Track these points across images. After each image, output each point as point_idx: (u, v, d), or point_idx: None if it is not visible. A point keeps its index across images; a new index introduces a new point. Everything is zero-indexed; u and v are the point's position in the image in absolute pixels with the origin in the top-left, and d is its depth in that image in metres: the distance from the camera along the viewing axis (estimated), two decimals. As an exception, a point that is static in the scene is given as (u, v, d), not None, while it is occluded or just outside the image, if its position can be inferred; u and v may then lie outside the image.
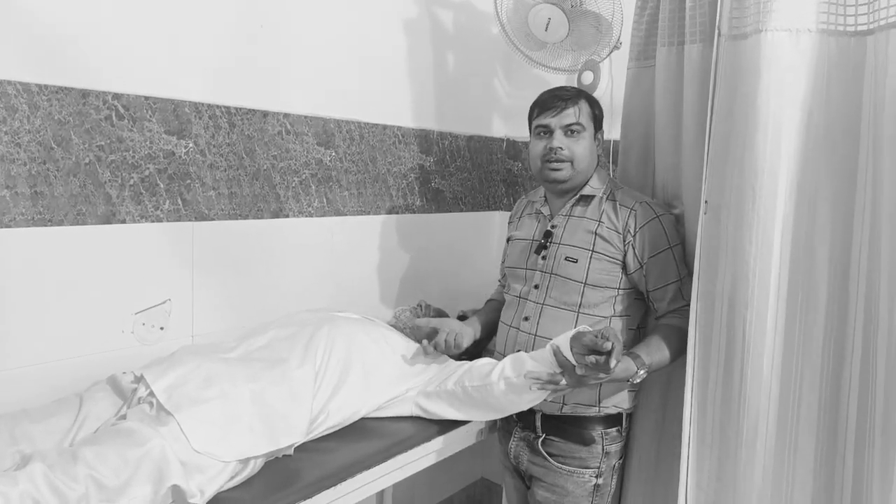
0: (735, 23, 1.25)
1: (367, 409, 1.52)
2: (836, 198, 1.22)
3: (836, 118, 1.21)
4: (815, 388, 1.24)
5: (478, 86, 2.42)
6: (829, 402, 1.24)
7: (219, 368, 1.35)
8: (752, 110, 1.22)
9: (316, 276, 1.92)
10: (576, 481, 1.47)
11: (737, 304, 1.25)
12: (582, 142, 1.48)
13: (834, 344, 1.23)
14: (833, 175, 1.21)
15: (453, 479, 2.48)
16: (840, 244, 1.22)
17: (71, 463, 1.07)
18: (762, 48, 1.20)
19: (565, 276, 1.47)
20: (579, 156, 1.47)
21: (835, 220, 1.22)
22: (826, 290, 1.23)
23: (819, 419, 1.24)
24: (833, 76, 1.21)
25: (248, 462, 1.26)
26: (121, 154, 1.47)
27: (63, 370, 1.42)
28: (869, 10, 1.17)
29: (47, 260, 1.39)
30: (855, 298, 1.21)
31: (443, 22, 2.24)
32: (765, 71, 1.20)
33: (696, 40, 1.41)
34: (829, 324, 1.23)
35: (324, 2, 1.85)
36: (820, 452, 1.24)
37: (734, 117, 1.25)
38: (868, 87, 1.18)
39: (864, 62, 1.18)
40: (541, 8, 1.91)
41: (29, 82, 1.33)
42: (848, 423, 1.21)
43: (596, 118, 1.53)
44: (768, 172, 1.21)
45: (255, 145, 1.73)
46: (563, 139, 1.47)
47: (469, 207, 2.45)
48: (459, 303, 2.19)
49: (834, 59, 1.20)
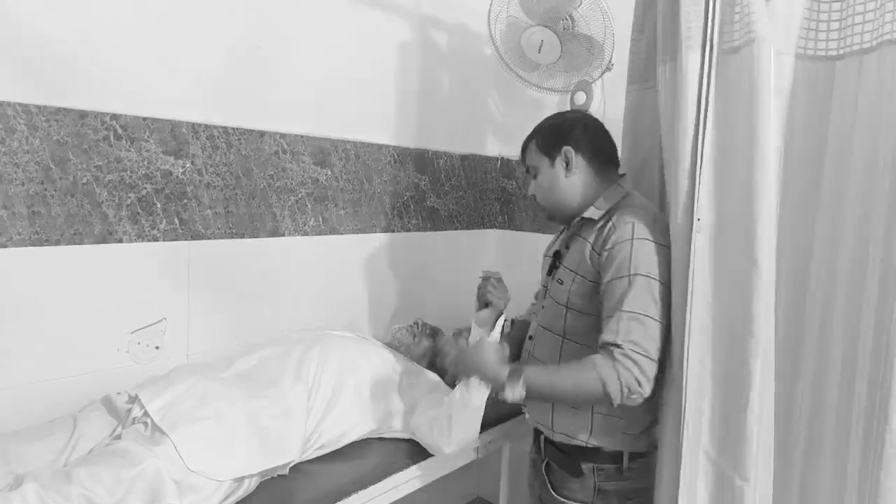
0: (726, 37, 1.26)
1: (360, 428, 1.52)
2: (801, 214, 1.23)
3: (805, 140, 1.23)
4: (827, 416, 1.20)
5: (472, 105, 2.45)
6: (842, 427, 1.19)
7: (213, 388, 1.35)
8: (750, 127, 1.23)
9: (312, 295, 1.93)
10: None
11: (735, 324, 1.25)
12: (539, 179, 1.43)
13: (845, 364, 1.19)
14: (799, 193, 1.24)
15: (449, 498, 2.47)
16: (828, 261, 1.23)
17: (65, 483, 1.07)
18: (751, 64, 1.22)
19: (554, 299, 1.40)
20: (541, 195, 1.45)
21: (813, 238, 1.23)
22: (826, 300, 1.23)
23: (834, 441, 1.20)
24: (803, 99, 1.23)
25: (242, 481, 1.25)
26: (118, 174, 1.49)
27: (58, 389, 1.41)
28: (840, 35, 1.20)
29: (44, 279, 1.39)
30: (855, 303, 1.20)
31: (437, 43, 2.28)
32: (759, 83, 1.21)
33: (667, 59, 1.39)
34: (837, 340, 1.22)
35: (320, 24, 1.88)
36: (835, 473, 1.22)
37: (724, 134, 1.26)
38: (836, 110, 1.20)
39: (833, 86, 1.21)
40: (534, 31, 1.95)
41: (28, 103, 1.34)
42: (857, 427, 1.18)
43: (545, 147, 1.42)
44: (762, 191, 1.22)
45: (251, 165, 1.74)
46: (531, 183, 1.47)
47: (464, 226, 2.46)
48: (456, 321, 2.19)
49: (801, 81, 1.23)
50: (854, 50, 1.18)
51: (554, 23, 1.92)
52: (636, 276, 1.23)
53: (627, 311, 1.22)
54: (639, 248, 1.25)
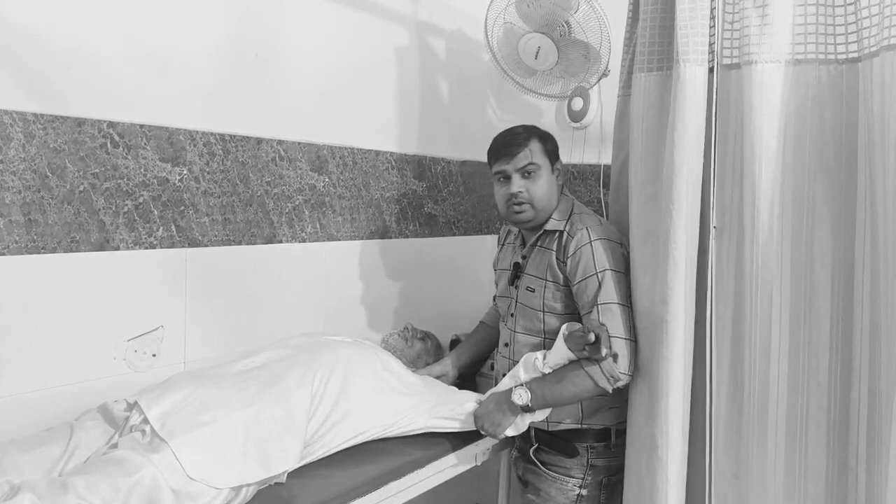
0: (727, 52, 1.30)
1: (362, 435, 1.51)
2: (835, 216, 1.26)
3: (830, 141, 1.25)
4: (824, 406, 1.26)
5: (469, 111, 2.45)
6: (840, 417, 1.25)
7: (213, 394, 1.34)
8: (748, 138, 1.26)
9: (309, 302, 1.92)
10: (559, 488, 1.54)
11: (741, 324, 1.28)
12: (539, 180, 1.52)
13: (841, 360, 1.24)
14: (831, 196, 1.25)
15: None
16: (842, 262, 1.25)
17: (61, 492, 1.06)
18: (753, 79, 1.25)
19: (527, 305, 1.56)
20: (538, 196, 1.52)
21: (836, 238, 1.25)
22: (830, 307, 1.25)
23: (829, 435, 1.25)
24: (827, 102, 1.25)
25: (240, 490, 1.24)
26: (115, 181, 1.48)
27: (55, 397, 1.41)
28: (858, 37, 1.24)
29: (40, 287, 1.38)
30: (860, 313, 1.22)
31: (434, 49, 2.28)
32: (756, 102, 1.24)
33: (653, 69, 1.43)
34: (834, 341, 1.25)
35: (317, 30, 1.89)
36: (831, 469, 1.25)
37: (730, 144, 1.30)
38: (863, 110, 1.21)
39: (858, 87, 1.22)
40: (531, 37, 1.95)
41: (24, 111, 1.34)
42: (859, 438, 1.22)
43: (549, 152, 1.56)
44: (767, 197, 1.25)
45: (248, 172, 1.74)
46: (520, 182, 1.52)
47: (462, 231, 2.46)
48: (453, 326, 2.19)
49: (826, 85, 1.25)
50: (872, 51, 1.20)
51: (551, 29, 1.92)
52: (603, 272, 1.43)
53: (601, 303, 1.42)
54: (597, 248, 1.45)
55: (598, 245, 1.45)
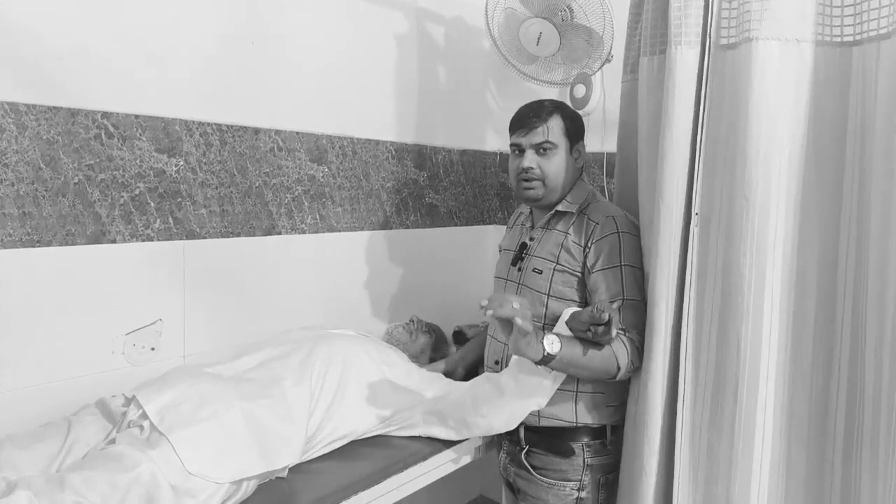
0: (724, 32, 1.26)
1: (364, 427, 1.50)
2: (822, 206, 1.22)
3: (824, 128, 1.21)
4: (806, 400, 1.24)
5: (470, 100, 2.42)
6: (818, 411, 1.23)
7: (212, 388, 1.33)
8: (743, 120, 1.22)
9: (309, 294, 1.90)
10: (557, 494, 1.47)
11: (730, 318, 1.24)
12: (554, 159, 1.47)
13: (823, 354, 1.23)
14: (820, 184, 1.22)
15: (451, 497, 2.45)
16: (828, 253, 1.22)
17: (58, 489, 1.04)
18: (753, 57, 1.20)
19: (531, 287, 1.48)
20: (551, 174, 1.47)
21: (821, 229, 1.22)
22: (815, 299, 1.23)
23: (809, 429, 1.24)
24: (821, 86, 1.21)
25: (240, 484, 1.23)
26: (110, 173, 1.46)
27: (52, 392, 1.39)
28: (855, 21, 1.19)
29: (36, 281, 1.37)
30: (842, 307, 1.21)
31: (434, 37, 2.25)
32: (756, 80, 1.20)
33: (655, 52, 1.40)
34: (818, 335, 1.23)
35: (315, 19, 1.85)
36: (811, 464, 1.24)
37: (724, 127, 1.25)
38: (854, 97, 1.18)
39: (850, 72, 1.19)
40: (532, 22, 1.92)
41: (16, 102, 1.31)
42: (836, 432, 1.21)
43: (571, 132, 1.50)
44: (761, 183, 1.21)
45: (246, 162, 1.72)
46: (533, 158, 1.47)
47: (463, 222, 2.44)
48: (455, 317, 2.17)
49: (821, 69, 1.21)
50: (871, 36, 1.16)
51: (552, 14, 1.89)
52: (626, 266, 1.40)
53: (629, 298, 1.38)
54: (625, 241, 1.41)
55: (626, 238, 1.42)
